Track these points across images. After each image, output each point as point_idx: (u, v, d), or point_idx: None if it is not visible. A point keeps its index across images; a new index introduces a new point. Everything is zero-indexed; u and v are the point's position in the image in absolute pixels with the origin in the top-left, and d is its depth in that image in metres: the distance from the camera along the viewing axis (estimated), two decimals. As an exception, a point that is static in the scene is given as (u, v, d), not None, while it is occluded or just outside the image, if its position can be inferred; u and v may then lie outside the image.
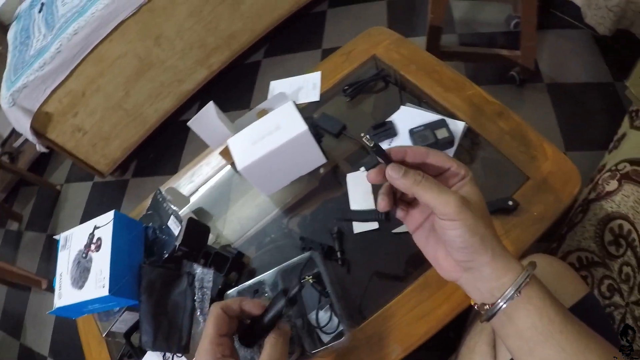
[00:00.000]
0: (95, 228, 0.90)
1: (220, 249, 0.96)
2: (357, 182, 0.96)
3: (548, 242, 1.11)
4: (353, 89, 1.10)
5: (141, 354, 0.90)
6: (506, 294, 0.44)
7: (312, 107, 1.15)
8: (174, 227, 0.94)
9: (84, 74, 1.92)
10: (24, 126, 1.89)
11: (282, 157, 0.89)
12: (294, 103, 0.91)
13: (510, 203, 0.82)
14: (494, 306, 0.45)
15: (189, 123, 1.04)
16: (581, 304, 0.67)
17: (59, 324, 2.09)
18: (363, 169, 0.97)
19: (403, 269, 0.85)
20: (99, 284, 0.83)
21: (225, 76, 2.38)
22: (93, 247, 0.88)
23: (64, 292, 0.87)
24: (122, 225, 0.91)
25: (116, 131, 2.18)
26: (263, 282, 0.85)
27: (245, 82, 2.40)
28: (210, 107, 1.02)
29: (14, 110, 1.84)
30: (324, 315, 0.80)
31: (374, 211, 0.89)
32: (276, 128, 0.88)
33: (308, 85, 1.18)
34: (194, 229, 0.93)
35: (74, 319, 0.99)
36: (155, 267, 0.90)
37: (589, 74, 1.75)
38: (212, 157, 1.19)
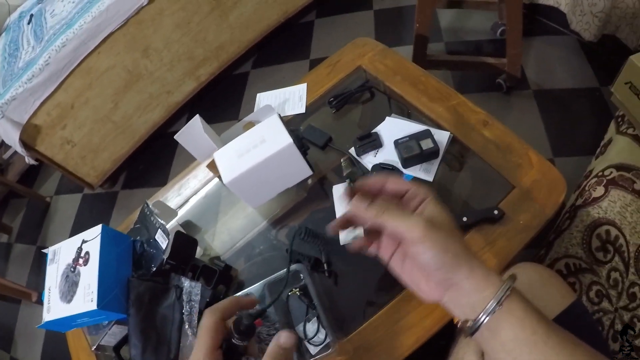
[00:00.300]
0: (83, 242, 0.90)
1: (209, 261, 0.96)
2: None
3: (536, 249, 1.11)
4: (338, 100, 1.11)
5: (130, 367, 0.89)
6: (487, 307, 0.44)
7: (298, 119, 1.15)
8: (162, 241, 0.93)
9: (73, 86, 1.91)
10: (12, 138, 1.88)
11: (267, 170, 0.89)
12: (279, 116, 0.92)
13: (496, 212, 0.82)
14: (476, 321, 0.45)
15: (176, 136, 1.04)
16: (569, 311, 0.68)
17: (49, 337, 2.07)
18: (348, 181, 0.97)
19: (390, 280, 0.84)
20: (87, 298, 0.83)
21: (214, 87, 2.38)
22: (81, 261, 0.88)
23: (53, 306, 0.87)
24: (109, 239, 0.91)
25: (105, 143, 2.17)
26: (251, 294, 0.85)
27: (234, 93, 2.40)
28: (197, 121, 1.02)
29: (2, 123, 1.83)
30: (311, 327, 0.80)
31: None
32: (261, 141, 0.88)
33: (294, 97, 1.19)
34: (182, 242, 0.93)
35: (63, 332, 0.98)
36: (143, 281, 0.90)
37: (575, 79, 1.77)
38: (199, 170, 1.18)
